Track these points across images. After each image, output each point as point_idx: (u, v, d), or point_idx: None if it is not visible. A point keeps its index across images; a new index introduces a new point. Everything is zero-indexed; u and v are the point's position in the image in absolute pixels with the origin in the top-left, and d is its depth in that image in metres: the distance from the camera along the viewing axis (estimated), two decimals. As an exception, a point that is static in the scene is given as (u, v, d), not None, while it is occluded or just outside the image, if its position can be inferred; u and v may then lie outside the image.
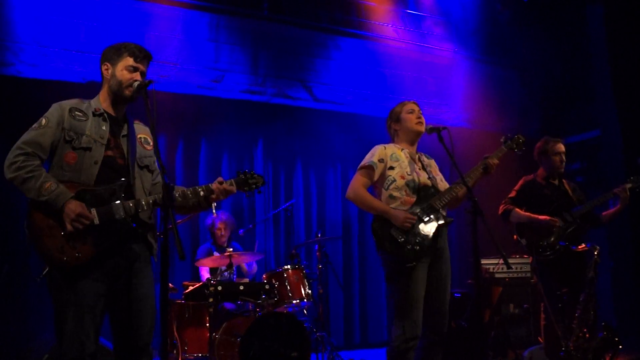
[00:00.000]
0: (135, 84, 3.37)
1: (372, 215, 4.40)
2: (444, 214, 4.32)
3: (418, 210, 4.25)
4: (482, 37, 9.37)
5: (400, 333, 4.18)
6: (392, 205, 4.31)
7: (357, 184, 4.41)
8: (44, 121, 3.27)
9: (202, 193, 3.46)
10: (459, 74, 9.27)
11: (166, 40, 7.27)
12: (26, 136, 3.24)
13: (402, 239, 4.18)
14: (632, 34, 8.39)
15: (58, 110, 3.32)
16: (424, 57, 9.03)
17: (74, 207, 3.12)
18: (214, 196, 3.48)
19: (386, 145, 4.50)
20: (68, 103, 3.37)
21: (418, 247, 4.18)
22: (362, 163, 4.45)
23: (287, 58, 8.08)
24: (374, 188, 4.50)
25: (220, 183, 3.50)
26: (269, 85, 7.90)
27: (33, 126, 3.28)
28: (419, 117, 4.48)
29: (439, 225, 4.26)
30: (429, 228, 4.24)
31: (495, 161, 4.35)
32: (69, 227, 3.11)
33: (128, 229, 3.28)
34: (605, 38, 8.69)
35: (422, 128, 4.46)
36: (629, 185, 5.55)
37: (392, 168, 4.38)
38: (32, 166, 3.17)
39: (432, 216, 4.25)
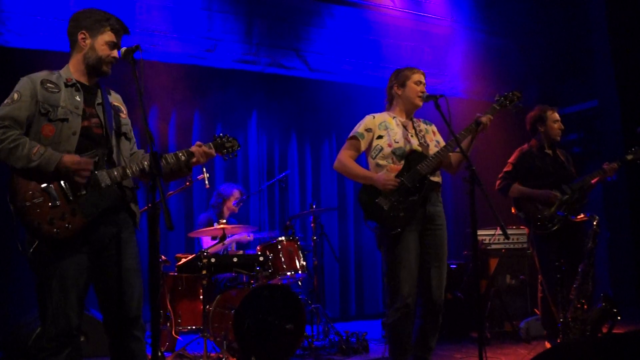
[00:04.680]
0: (114, 60, 3.33)
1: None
2: (434, 178, 4.26)
3: (404, 176, 4.18)
4: (480, 6, 9.22)
5: (390, 302, 4.18)
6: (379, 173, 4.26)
7: (343, 155, 4.40)
8: (16, 95, 3.15)
9: (183, 157, 3.42)
10: (457, 43, 9.14)
11: (157, 9, 7.13)
12: (1, 111, 3.13)
13: (388, 207, 4.14)
14: (631, 3, 8.28)
15: (29, 83, 3.20)
16: (421, 26, 8.89)
17: (70, 158, 3.07)
18: (194, 159, 3.46)
19: (376, 115, 4.45)
20: (38, 75, 3.26)
21: (403, 214, 4.13)
22: (350, 134, 4.42)
23: (281, 27, 7.95)
24: (366, 158, 4.45)
25: (200, 146, 3.49)
26: (262, 55, 7.79)
27: (5, 102, 3.16)
28: (422, 91, 4.41)
29: (424, 189, 4.19)
30: (415, 194, 4.18)
31: (488, 117, 4.21)
32: (77, 179, 3.07)
33: (115, 196, 3.24)
34: (605, 7, 8.58)
35: (421, 103, 4.41)
36: (629, 157, 5.45)
37: (380, 137, 4.34)
38: (14, 135, 3.07)
39: (418, 182, 4.18)
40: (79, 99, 3.27)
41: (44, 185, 3.07)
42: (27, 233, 3.09)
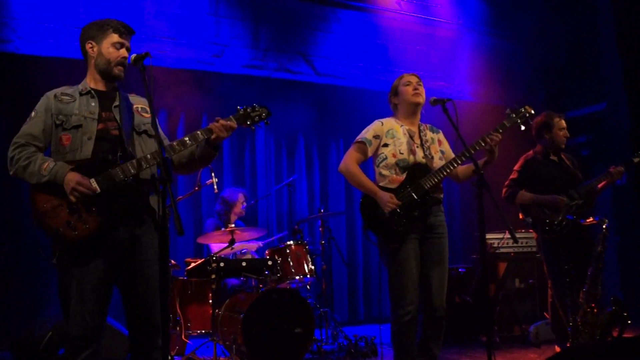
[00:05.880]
0: (124, 61, 3.37)
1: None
2: (435, 194, 4.24)
3: (406, 190, 4.17)
4: (486, 9, 9.22)
5: (393, 309, 4.19)
6: (381, 183, 4.28)
7: (350, 159, 4.37)
8: (33, 113, 3.33)
9: (201, 136, 3.39)
10: (463, 46, 9.13)
11: (165, 15, 7.17)
12: (20, 131, 3.30)
13: (387, 219, 4.14)
14: (639, 4, 8.25)
15: (45, 99, 3.36)
16: (427, 30, 8.89)
17: (71, 176, 3.13)
18: (213, 136, 3.40)
19: (384, 121, 4.42)
20: (54, 91, 3.40)
21: (401, 229, 4.12)
22: (357, 137, 4.39)
23: (288, 31, 7.97)
24: (372, 163, 4.45)
25: (217, 121, 3.43)
26: (270, 60, 7.81)
27: (26, 120, 3.33)
28: (417, 89, 4.35)
29: (426, 205, 4.19)
30: (416, 208, 4.16)
31: (497, 135, 4.12)
32: (71, 198, 3.12)
33: (131, 191, 3.26)
34: (612, 9, 8.56)
35: (420, 99, 4.35)
36: (636, 160, 5.42)
37: (386, 145, 4.31)
38: (28, 153, 3.22)
39: (420, 196, 4.16)
40: (94, 105, 3.35)
41: (60, 192, 3.14)
42: (49, 239, 3.17)
